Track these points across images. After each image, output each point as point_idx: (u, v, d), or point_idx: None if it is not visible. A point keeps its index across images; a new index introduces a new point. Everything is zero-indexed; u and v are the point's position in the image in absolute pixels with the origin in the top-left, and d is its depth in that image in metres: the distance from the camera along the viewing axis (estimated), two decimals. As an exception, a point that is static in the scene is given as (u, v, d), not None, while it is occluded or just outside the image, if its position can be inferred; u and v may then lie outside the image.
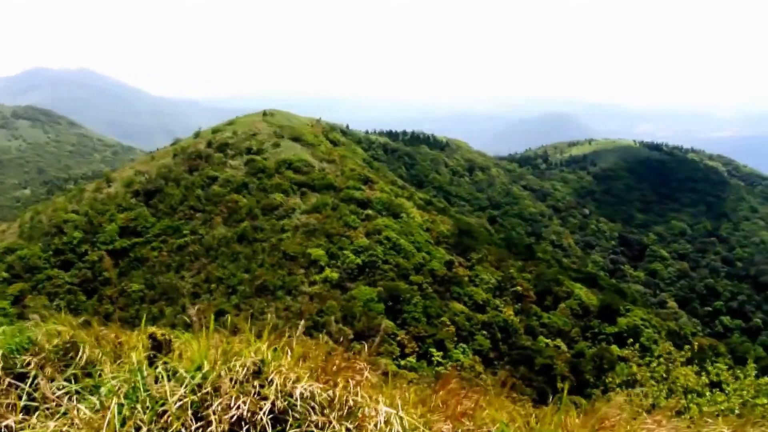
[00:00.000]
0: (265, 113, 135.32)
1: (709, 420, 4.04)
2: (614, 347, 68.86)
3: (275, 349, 3.69)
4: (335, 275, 67.85)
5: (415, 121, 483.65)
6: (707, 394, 13.95)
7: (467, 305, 69.04)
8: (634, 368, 15.74)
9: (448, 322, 63.38)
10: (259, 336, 3.79)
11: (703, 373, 14.95)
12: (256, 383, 3.32)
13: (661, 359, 15.73)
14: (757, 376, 15.82)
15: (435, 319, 63.47)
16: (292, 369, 3.50)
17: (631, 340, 23.35)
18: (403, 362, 54.69)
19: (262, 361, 3.50)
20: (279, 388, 3.31)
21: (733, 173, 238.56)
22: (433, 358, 54.73)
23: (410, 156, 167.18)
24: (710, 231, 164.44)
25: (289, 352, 3.73)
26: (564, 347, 69.80)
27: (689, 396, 14.23)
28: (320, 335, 4.52)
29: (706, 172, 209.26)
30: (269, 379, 3.35)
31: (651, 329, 77.49)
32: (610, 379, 16.24)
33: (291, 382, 3.36)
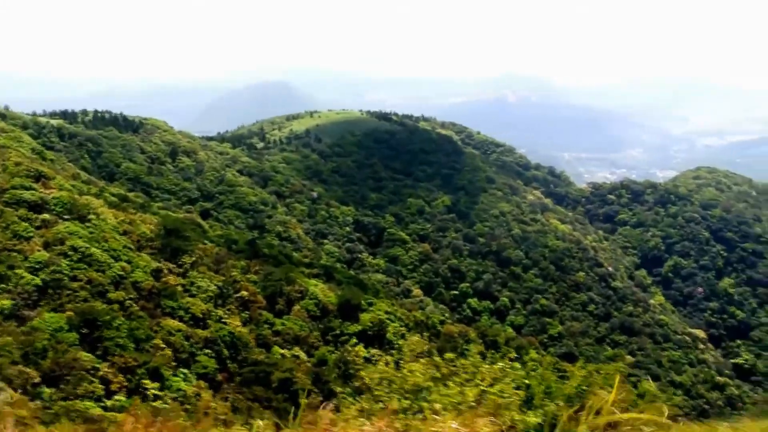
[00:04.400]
0: None
1: (437, 417, 4.80)
2: (360, 347, 73.05)
3: None
4: (7, 303, 62.63)
5: (98, 98, 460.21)
6: (441, 388, 15.74)
7: (184, 321, 68.21)
8: (362, 372, 17.15)
9: (163, 345, 62.11)
10: None
11: (433, 368, 16.81)
12: None
13: (388, 357, 17.37)
14: (505, 357, 18.23)
15: (145, 343, 61.74)
16: None
17: (355, 340, 25.31)
18: (109, 402, 52.52)
19: None
20: None
21: (467, 141, 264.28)
22: (148, 392, 53.34)
23: (95, 142, 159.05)
24: (449, 207, 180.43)
25: None
26: (303, 356, 72.26)
27: (421, 394, 15.91)
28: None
29: (439, 141, 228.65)
30: None
31: (397, 322, 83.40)
32: (340, 389, 17.49)
33: None
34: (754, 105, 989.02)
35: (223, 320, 71.28)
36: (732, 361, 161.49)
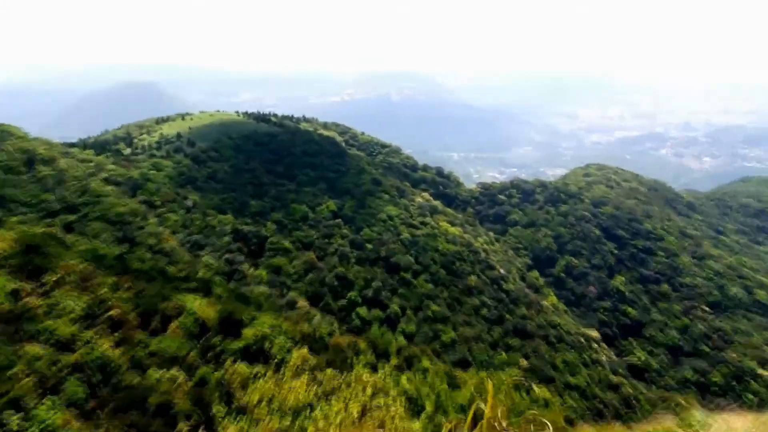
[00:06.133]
0: None
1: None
2: (243, 366, 72.29)
3: None
4: None
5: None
6: (324, 404, 16.03)
7: (49, 345, 66.05)
8: (239, 393, 17.27)
9: (25, 372, 59.91)
10: None
11: (315, 385, 17.12)
12: None
13: (268, 374, 17.58)
14: (387, 368, 18.71)
15: (5, 371, 59.45)
16: None
17: (230, 361, 25.41)
18: (-36, 439, 50.26)
19: None
20: None
21: (352, 142, 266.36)
22: (9, 425, 51.40)
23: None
24: (334, 212, 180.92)
25: None
26: (182, 377, 70.94)
27: (303, 412, 16.14)
28: None
29: (322, 143, 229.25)
30: None
31: (283, 336, 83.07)
32: (217, 410, 17.54)
33: None
34: (637, 100, 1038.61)
35: (92, 343, 69.26)
36: (626, 360, 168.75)
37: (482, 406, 10.41)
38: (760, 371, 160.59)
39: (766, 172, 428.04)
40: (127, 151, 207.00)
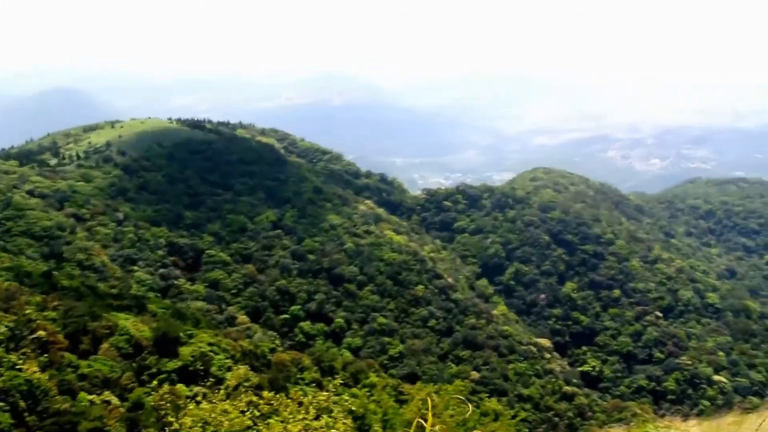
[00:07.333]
0: None
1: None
2: (181, 386, 71.12)
3: None
4: None
5: None
6: (261, 426, 15.46)
7: (-31, 371, 64.19)
8: (170, 416, 16.64)
9: (-56, 401, 58.10)
10: None
11: (251, 408, 16.55)
12: None
13: (199, 397, 16.99)
14: (330, 385, 18.30)
15: None
16: None
17: (156, 382, 24.79)
18: None
19: None
20: None
21: (291, 149, 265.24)
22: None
23: None
24: (274, 222, 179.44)
25: None
26: (116, 400, 69.53)
27: None
28: None
29: (260, 151, 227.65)
30: None
31: (222, 354, 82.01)
32: None
33: None
34: (584, 101, 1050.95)
35: (17, 367, 67.43)
36: (579, 369, 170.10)
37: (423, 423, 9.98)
38: (715, 377, 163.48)
39: (711, 173, 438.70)
40: (54, 161, 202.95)
